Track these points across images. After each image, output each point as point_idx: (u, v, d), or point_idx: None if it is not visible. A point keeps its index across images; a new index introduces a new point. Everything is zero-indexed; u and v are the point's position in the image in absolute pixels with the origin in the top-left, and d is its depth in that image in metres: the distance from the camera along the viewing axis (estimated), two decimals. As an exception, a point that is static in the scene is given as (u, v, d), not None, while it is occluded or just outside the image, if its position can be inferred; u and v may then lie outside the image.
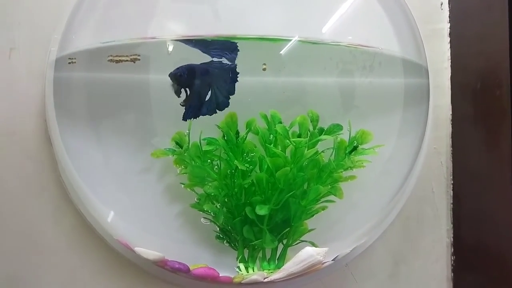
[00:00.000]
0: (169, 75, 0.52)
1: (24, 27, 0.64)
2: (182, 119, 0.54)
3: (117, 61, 0.54)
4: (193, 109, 0.53)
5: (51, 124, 0.60)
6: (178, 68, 0.51)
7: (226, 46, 0.52)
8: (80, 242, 0.64)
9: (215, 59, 0.52)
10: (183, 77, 0.51)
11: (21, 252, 0.64)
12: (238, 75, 0.54)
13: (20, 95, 0.64)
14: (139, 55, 0.54)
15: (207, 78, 0.52)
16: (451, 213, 0.68)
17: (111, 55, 0.54)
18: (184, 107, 0.53)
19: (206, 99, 0.53)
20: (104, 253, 0.64)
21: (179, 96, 0.53)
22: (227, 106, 0.55)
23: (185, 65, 0.51)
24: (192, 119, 0.54)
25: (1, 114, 0.64)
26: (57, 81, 0.59)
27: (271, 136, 0.57)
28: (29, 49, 0.64)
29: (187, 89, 0.52)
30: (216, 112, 0.55)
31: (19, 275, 0.64)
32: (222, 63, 0.53)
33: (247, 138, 0.57)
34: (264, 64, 0.56)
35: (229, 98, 0.54)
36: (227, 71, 0.52)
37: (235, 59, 0.53)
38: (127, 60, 0.54)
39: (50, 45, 0.61)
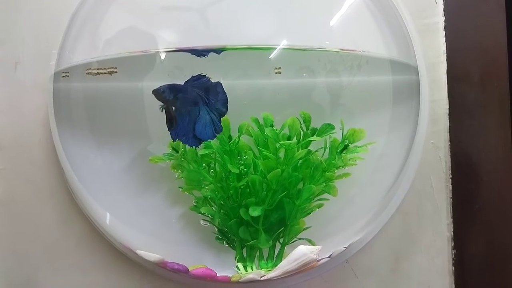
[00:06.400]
0: (152, 92, 0.53)
1: (28, 42, 0.68)
2: (172, 139, 0.55)
3: (95, 74, 0.57)
4: (181, 129, 0.54)
5: (54, 134, 0.63)
6: (160, 86, 0.53)
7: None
8: (89, 245, 0.67)
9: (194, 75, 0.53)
10: (165, 93, 0.52)
11: (34, 256, 0.67)
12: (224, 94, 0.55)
13: (26, 106, 0.67)
14: (115, 68, 0.56)
15: (192, 96, 0.53)
16: (451, 207, 0.68)
17: (89, 68, 0.57)
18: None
19: (198, 121, 0.54)
20: (112, 255, 0.67)
21: (167, 114, 0.54)
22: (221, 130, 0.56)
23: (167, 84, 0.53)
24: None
25: (10, 125, 0.67)
26: (56, 93, 0.62)
27: (265, 138, 0.59)
28: (33, 63, 0.67)
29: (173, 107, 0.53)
30: (216, 137, 0.56)
31: (32, 278, 0.67)
32: (206, 81, 0.54)
33: (244, 141, 0.59)
34: (279, 68, 0.58)
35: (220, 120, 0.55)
36: (214, 89, 0.54)
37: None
38: (104, 73, 0.56)
39: (50, 60, 0.64)
